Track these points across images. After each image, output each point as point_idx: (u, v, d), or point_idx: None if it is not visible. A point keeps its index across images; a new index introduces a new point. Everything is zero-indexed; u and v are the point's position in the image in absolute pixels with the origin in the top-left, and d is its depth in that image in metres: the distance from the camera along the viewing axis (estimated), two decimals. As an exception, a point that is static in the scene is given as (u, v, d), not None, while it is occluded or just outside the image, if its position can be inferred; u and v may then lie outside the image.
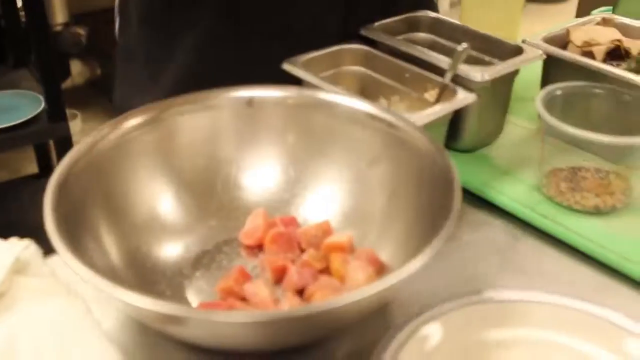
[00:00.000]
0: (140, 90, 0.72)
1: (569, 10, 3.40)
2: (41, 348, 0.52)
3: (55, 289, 0.57)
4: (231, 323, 0.46)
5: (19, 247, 0.58)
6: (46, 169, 2.15)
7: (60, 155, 1.94)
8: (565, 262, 0.67)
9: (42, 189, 0.58)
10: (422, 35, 0.88)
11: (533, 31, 0.84)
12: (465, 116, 0.76)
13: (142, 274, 0.60)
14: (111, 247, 0.59)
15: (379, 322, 0.59)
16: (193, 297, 0.60)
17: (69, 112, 1.97)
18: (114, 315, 0.58)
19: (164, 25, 0.85)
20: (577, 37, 0.82)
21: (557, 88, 0.74)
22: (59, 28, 2.71)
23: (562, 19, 0.85)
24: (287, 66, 0.76)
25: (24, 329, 0.54)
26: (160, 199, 0.65)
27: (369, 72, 0.82)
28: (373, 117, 0.66)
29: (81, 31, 2.60)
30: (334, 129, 0.68)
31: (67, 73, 2.70)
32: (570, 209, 0.71)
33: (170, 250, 0.63)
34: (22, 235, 0.66)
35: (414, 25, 0.88)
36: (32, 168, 2.22)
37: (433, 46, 0.85)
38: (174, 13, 0.84)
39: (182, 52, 0.84)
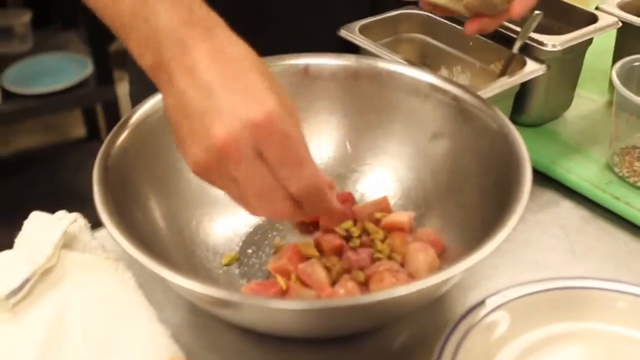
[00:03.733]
0: (154, 87, 0.68)
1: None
2: (89, 324, 0.51)
3: (103, 264, 0.56)
4: (284, 310, 0.44)
5: (67, 221, 0.57)
6: (94, 132, 2.15)
7: (108, 118, 1.93)
8: (638, 248, 0.63)
9: (90, 153, 0.56)
10: (486, 0, 0.83)
11: (605, -2, 0.79)
12: (533, 89, 0.71)
13: (191, 250, 0.58)
14: (161, 222, 0.57)
15: (439, 308, 0.56)
16: (245, 276, 0.58)
17: (116, 74, 1.96)
18: (163, 292, 0.56)
19: None
20: (657, 4, 0.76)
21: (635, 59, 0.69)
22: (106, -10, 2.70)
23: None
24: (343, 32, 0.72)
25: (72, 305, 0.52)
26: (211, 172, 0.62)
27: (429, 39, 0.78)
28: (436, 88, 0.62)
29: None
30: (393, 100, 0.64)
31: (113, 36, 2.69)
32: (645, 190, 0.66)
33: (221, 226, 0.61)
34: (70, 199, 0.64)
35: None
36: (80, 131, 2.23)
37: (498, 12, 0.79)
38: None
39: None
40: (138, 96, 0.86)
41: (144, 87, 0.84)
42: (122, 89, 2.22)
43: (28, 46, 2.00)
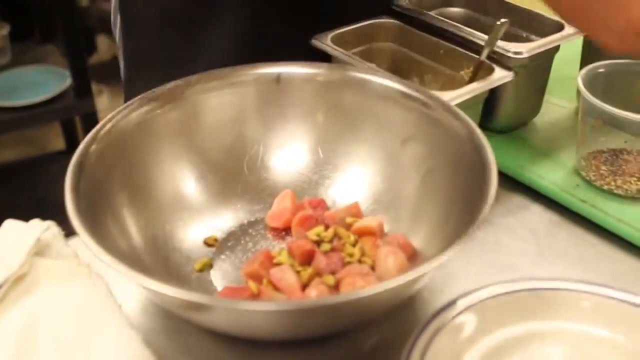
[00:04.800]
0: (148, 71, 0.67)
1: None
2: (61, 333, 0.51)
3: (76, 271, 0.56)
4: (256, 312, 0.44)
5: (40, 229, 0.57)
6: (73, 145, 2.15)
7: (87, 131, 1.93)
8: (605, 250, 0.64)
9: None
10: (456, 10, 0.85)
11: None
12: (502, 95, 0.73)
13: (165, 256, 0.59)
14: (134, 228, 0.57)
15: (409, 311, 0.57)
16: (218, 281, 0.58)
17: (95, 87, 1.96)
18: (136, 298, 0.57)
19: (188, 21, 0.79)
20: (622, 13, 0.78)
21: (600, 66, 0.70)
22: (85, 3, 2.70)
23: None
24: (315, 42, 0.73)
25: (44, 313, 0.52)
26: (184, 179, 0.63)
27: (401, 48, 0.79)
28: (406, 95, 0.63)
29: (108, 6, 2.58)
30: (365, 107, 0.65)
31: (93, 48, 2.69)
32: (611, 193, 0.68)
33: (195, 232, 0.61)
34: (49, 211, 0.65)
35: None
36: (59, 144, 2.22)
37: (468, 21, 0.81)
38: (199, 8, 0.79)
39: (209, 49, 0.79)
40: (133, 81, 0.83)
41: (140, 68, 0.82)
42: (101, 101, 2.22)
43: (6, 59, 2.01)
